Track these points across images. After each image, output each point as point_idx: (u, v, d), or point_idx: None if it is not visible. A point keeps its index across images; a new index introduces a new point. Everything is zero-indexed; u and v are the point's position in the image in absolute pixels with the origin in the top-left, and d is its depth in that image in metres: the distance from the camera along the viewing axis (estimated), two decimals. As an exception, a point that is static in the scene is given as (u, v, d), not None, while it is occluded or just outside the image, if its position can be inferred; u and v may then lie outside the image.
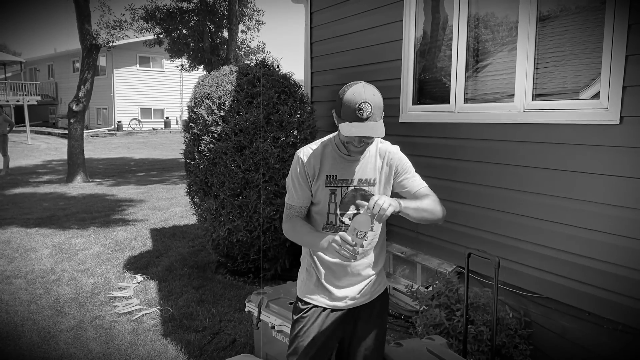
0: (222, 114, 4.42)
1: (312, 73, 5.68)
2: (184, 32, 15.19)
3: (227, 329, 3.78)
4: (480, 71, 3.77)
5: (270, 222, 4.45)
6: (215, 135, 4.40)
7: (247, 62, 14.59)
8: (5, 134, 12.83)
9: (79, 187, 11.01)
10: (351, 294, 2.00)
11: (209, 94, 4.53)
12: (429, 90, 4.24)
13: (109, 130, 26.48)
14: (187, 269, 5.19)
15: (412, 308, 3.90)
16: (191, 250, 5.90)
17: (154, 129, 27.70)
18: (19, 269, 5.22)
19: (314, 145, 1.98)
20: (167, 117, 28.88)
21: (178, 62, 16.98)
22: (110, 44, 12.13)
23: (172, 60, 17.00)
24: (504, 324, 3.22)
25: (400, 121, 4.35)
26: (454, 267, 3.89)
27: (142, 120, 27.92)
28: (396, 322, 3.88)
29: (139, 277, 4.95)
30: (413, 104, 4.28)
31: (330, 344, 2.03)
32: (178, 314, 4.08)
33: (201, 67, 15.91)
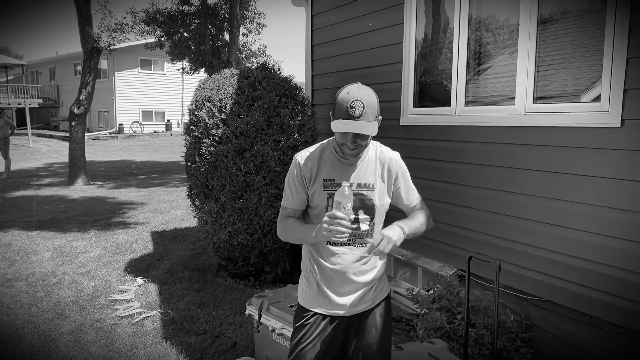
0: (223, 116, 4.42)
1: (313, 76, 5.68)
2: (185, 35, 15.20)
3: (228, 332, 3.78)
4: (481, 74, 3.77)
5: (271, 225, 4.45)
6: (216, 138, 4.41)
7: (248, 65, 14.60)
8: (6, 137, 12.86)
9: (80, 189, 11.02)
10: (352, 301, 1.97)
11: (209, 97, 4.53)
12: (430, 93, 4.24)
13: (110, 133, 26.52)
14: (187, 272, 5.19)
15: (413, 311, 3.90)
16: (192, 253, 5.90)
17: (155, 132, 27.76)
18: (20, 271, 5.23)
19: (312, 148, 1.98)
20: (168, 120, 28.91)
21: (179, 65, 17.00)
22: (112, 47, 12.17)
23: (173, 63, 16.99)
24: (505, 327, 3.21)
25: (401, 124, 4.35)
26: (455, 270, 3.88)
27: (143, 123, 27.96)
28: (397, 326, 3.87)
29: (139, 280, 4.95)
30: (414, 107, 4.27)
31: (332, 351, 2.00)
32: (179, 317, 4.07)
33: (202, 70, 15.92)
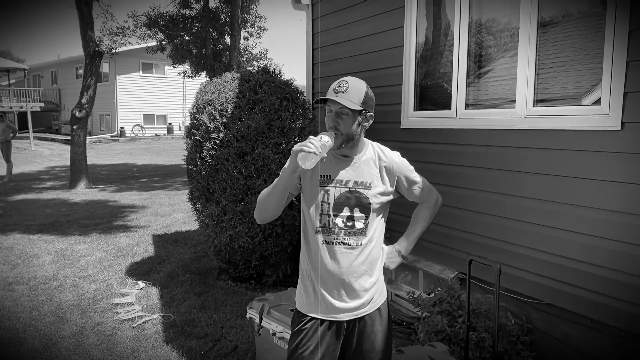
0: (224, 120, 4.43)
1: (313, 79, 5.69)
2: (187, 38, 15.23)
3: (229, 336, 3.78)
4: (482, 77, 3.77)
5: (272, 228, 4.45)
6: (217, 141, 4.42)
7: (249, 68, 14.65)
8: (8, 141, 12.90)
9: (82, 193, 11.03)
10: (349, 305, 1.96)
11: (210, 101, 4.54)
12: (431, 96, 4.24)
13: (111, 137, 26.58)
14: (189, 275, 5.19)
15: (414, 314, 3.89)
16: (193, 256, 5.90)
17: (156, 135, 27.81)
18: (21, 275, 5.23)
19: None
20: (169, 123, 28.97)
21: (180, 68, 17.04)
22: (113, 51, 12.19)
23: (174, 67, 17.03)
24: (506, 330, 3.20)
25: (401, 127, 4.35)
26: (456, 273, 3.88)
27: (144, 127, 28.02)
28: (398, 329, 3.87)
29: (141, 284, 4.95)
30: (414, 110, 4.28)
31: (331, 357, 1.98)
32: (180, 320, 4.07)
33: (204, 73, 15.94)
